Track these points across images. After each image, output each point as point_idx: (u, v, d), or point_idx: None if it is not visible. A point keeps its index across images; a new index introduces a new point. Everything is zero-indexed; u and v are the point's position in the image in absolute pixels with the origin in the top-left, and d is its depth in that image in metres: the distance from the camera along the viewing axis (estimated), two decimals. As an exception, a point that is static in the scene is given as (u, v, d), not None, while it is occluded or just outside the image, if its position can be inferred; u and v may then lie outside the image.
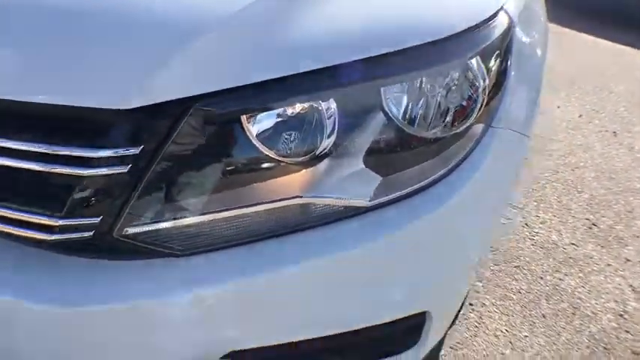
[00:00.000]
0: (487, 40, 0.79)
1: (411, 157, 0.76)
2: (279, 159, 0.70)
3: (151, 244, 0.70)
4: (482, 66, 0.78)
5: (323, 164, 0.71)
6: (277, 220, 0.71)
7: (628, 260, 2.11)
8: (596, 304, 1.89)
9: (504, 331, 1.75)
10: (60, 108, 0.63)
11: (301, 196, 0.70)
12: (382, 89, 0.72)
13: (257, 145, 0.69)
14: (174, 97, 0.64)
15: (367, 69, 0.70)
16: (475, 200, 0.81)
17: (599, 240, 2.20)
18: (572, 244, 2.17)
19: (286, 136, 0.69)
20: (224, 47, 0.66)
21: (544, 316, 1.82)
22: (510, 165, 0.93)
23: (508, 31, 0.85)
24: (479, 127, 0.81)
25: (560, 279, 1.98)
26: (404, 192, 0.74)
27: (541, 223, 2.26)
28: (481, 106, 0.78)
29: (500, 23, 0.83)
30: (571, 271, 2.02)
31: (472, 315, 1.80)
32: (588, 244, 2.17)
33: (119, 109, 0.63)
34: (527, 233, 2.20)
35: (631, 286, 1.98)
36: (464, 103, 0.77)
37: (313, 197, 0.70)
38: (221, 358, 0.76)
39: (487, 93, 0.79)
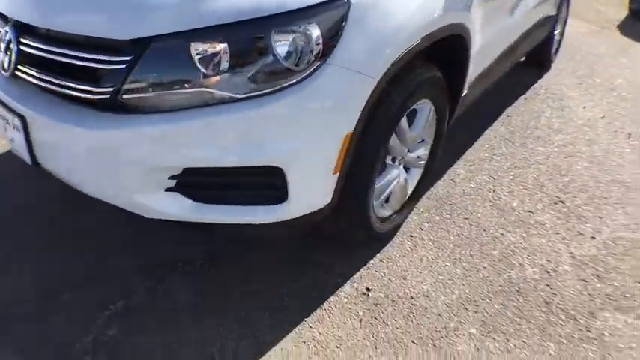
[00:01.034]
0: (324, 12, 1.28)
1: (275, 75, 1.27)
2: (205, 71, 1.25)
3: (134, 105, 1.29)
4: (319, 28, 1.27)
5: (225, 75, 1.25)
6: (198, 99, 1.27)
7: (580, 234, 2.21)
8: (527, 258, 2.04)
9: (430, 258, 1.99)
10: (99, 39, 1.28)
11: (210, 88, 1.26)
12: (271, 36, 1.23)
13: (197, 63, 1.24)
14: (149, 35, 1.24)
15: (254, 24, 1.24)
16: (307, 101, 1.30)
17: (559, 214, 2.31)
18: (529, 211, 2.31)
19: (211, 61, 1.23)
20: (175, 13, 1.24)
21: (471, 256, 2.02)
22: (343, 87, 1.34)
23: (345, 7, 1.31)
24: (318, 63, 1.30)
25: (502, 234, 2.15)
26: (263, 91, 1.27)
27: (509, 192, 2.42)
28: (319, 51, 1.28)
29: (340, 3, 1.30)
30: (516, 230, 2.18)
31: (408, 243, 2.06)
32: (546, 214, 2.30)
33: (124, 39, 1.25)
34: (490, 197, 2.37)
35: (571, 253, 2.10)
36: (310, 49, 1.27)
37: (215, 90, 1.26)
38: (176, 175, 1.34)
39: (322, 44, 1.29)
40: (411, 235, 2.10)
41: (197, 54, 1.23)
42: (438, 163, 2.51)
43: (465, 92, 2.15)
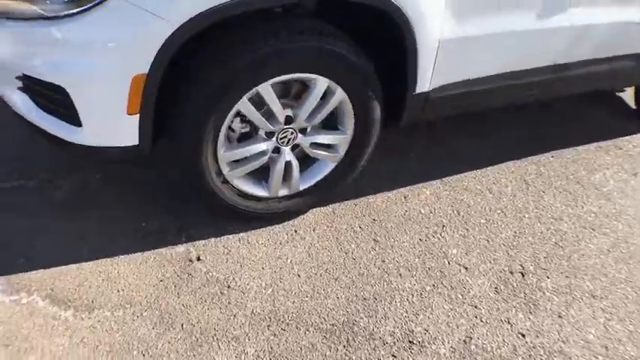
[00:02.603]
0: None
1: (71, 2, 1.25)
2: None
3: None
4: None
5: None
6: (23, 13, 1.27)
7: (507, 322, 1.56)
8: (403, 315, 1.52)
9: (289, 262, 1.63)
10: None
11: (33, 4, 1.26)
12: None
13: None
14: None
15: None
16: (87, 30, 1.25)
17: (503, 286, 1.66)
18: (464, 266, 1.70)
19: None
20: None
21: (336, 280, 1.59)
22: (129, 24, 1.24)
23: None
24: None
25: (400, 275, 1.64)
26: (62, 14, 1.24)
27: (461, 235, 1.82)
28: None
29: None
30: (423, 279, 1.64)
31: (285, 236, 1.73)
32: (484, 278, 1.67)
33: None
34: (430, 231, 1.81)
35: (468, 337, 1.49)
36: None
37: (35, 6, 1.25)
38: (20, 76, 1.38)
39: None
40: (296, 231, 1.74)
41: None
42: (406, 173, 2.03)
43: (421, 91, 1.63)
